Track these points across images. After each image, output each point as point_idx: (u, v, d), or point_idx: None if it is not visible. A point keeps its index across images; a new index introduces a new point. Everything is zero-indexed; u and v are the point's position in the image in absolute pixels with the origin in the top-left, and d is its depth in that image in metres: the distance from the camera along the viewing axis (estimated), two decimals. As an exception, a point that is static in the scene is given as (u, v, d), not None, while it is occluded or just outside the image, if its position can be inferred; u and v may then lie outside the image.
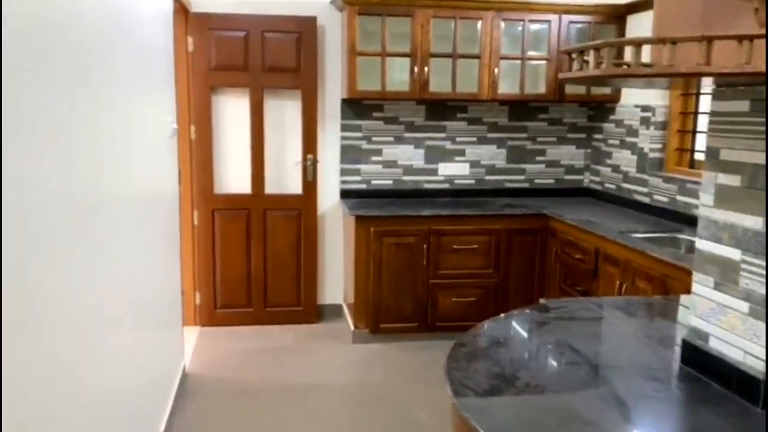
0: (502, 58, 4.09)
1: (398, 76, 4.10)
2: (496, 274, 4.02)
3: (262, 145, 4.19)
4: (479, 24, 4.04)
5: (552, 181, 4.63)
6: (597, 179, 4.54)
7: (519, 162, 4.56)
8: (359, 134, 4.35)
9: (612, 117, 4.32)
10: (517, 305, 4.14)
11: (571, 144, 4.61)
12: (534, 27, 4.14)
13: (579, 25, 4.16)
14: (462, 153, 4.49)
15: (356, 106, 4.31)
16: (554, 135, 4.58)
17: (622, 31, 4.17)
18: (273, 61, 4.10)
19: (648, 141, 3.94)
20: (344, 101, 4.29)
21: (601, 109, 4.46)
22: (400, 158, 4.42)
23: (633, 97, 4.11)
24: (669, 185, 3.75)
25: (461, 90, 4.09)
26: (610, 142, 4.36)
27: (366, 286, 3.92)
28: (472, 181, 4.53)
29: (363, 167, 4.39)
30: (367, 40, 3.98)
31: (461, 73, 4.09)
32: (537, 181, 4.61)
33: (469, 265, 3.98)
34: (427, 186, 4.48)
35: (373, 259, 3.89)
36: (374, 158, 4.40)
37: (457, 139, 4.46)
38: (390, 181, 4.43)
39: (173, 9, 3.34)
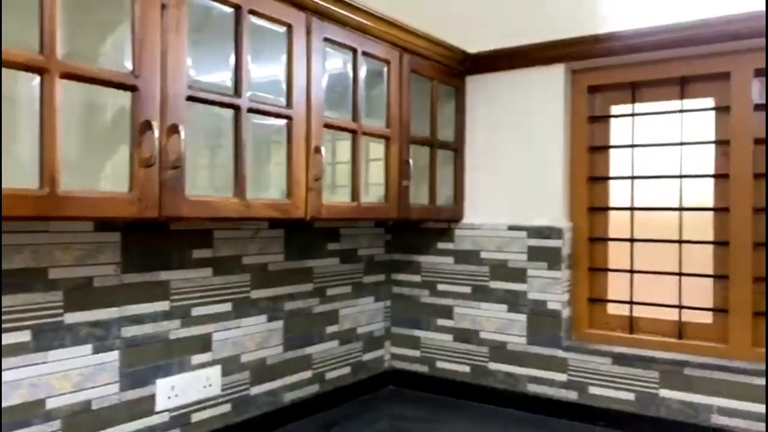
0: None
1: None
2: None
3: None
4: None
5: (347, 370, 2.38)
6: (402, 352, 2.56)
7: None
8: None
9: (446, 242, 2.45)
10: None
11: (368, 294, 2.50)
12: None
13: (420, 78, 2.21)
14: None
15: None
16: (348, 280, 2.39)
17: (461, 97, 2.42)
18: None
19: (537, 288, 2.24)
20: None
21: (412, 229, 2.54)
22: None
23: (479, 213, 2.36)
24: (576, 356, 2.12)
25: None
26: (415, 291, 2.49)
27: None
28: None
29: None
30: None
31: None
32: (329, 375, 2.29)
33: None
34: None
35: None
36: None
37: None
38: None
39: None
